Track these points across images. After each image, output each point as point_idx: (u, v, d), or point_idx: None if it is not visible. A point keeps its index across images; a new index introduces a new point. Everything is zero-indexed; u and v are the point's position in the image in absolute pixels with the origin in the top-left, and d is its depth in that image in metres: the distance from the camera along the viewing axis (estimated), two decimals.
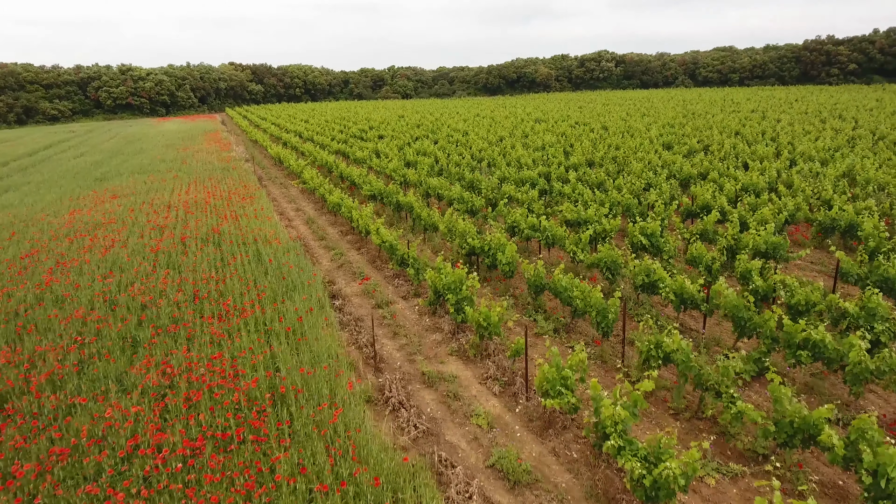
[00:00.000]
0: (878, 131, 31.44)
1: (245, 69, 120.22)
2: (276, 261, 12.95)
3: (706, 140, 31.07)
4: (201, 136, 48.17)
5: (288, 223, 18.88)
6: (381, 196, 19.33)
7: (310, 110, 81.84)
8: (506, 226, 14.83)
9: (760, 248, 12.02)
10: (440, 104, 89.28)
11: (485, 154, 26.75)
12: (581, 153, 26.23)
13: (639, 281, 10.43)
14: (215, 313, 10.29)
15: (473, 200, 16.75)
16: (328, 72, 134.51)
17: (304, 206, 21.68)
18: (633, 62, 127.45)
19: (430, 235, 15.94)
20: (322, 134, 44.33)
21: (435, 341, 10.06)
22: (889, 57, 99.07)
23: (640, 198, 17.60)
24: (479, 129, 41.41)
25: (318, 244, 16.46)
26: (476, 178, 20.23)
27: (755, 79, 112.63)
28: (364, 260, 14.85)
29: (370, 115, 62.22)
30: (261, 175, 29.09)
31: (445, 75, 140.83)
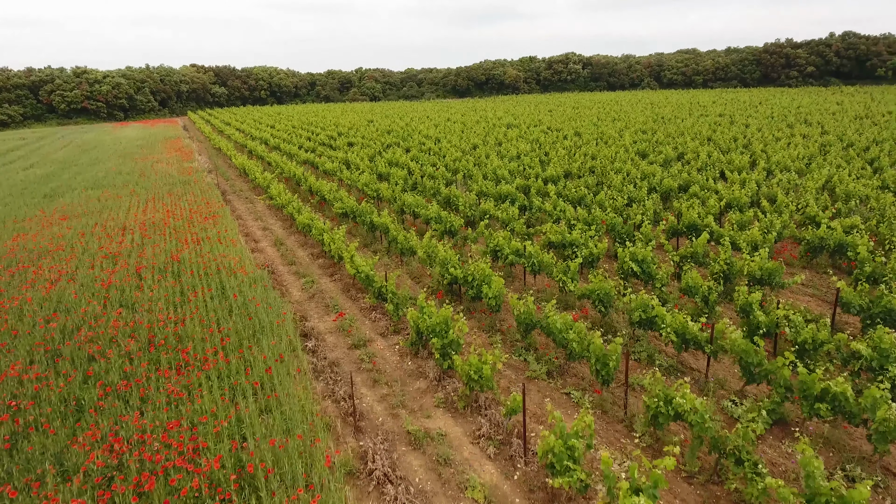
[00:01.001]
0: (846, 137, 31.81)
1: (208, 71, 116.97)
2: (242, 296, 11.90)
3: (680, 147, 30.93)
4: (161, 144, 46.17)
5: (255, 245, 17.73)
6: (354, 215, 18.36)
7: (276, 114, 79.87)
8: (488, 249, 14.06)
9: (755, 274, 11.52)
10: (409, 107, 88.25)
11: (459, 165, 25.98)
12: (557, 163, 25.70)
13: (635, 317, 9.77)
14: (173, 364, 9.22)
15: (451, 220, 15.93)
16: (294, 73, 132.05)
17: (271, 225, 20.53)
18: (600, 64, 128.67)
19: (408, 259, 15.07)
20: (289, 142, 42.94)
21: (419, 390, 9.20)
22: (844, 60, 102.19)
23: (623, 214, 17.07)
24: (451, 135, 40.65)
25: (288, 270, 15.41)
26: (453, 194, 19.43)
27: (718, 81, 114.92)
28: (337, 288, 13.88)
29: (338, 120, 60.87)
30: (225, 188, 27.71)
31: (413, 77, 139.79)
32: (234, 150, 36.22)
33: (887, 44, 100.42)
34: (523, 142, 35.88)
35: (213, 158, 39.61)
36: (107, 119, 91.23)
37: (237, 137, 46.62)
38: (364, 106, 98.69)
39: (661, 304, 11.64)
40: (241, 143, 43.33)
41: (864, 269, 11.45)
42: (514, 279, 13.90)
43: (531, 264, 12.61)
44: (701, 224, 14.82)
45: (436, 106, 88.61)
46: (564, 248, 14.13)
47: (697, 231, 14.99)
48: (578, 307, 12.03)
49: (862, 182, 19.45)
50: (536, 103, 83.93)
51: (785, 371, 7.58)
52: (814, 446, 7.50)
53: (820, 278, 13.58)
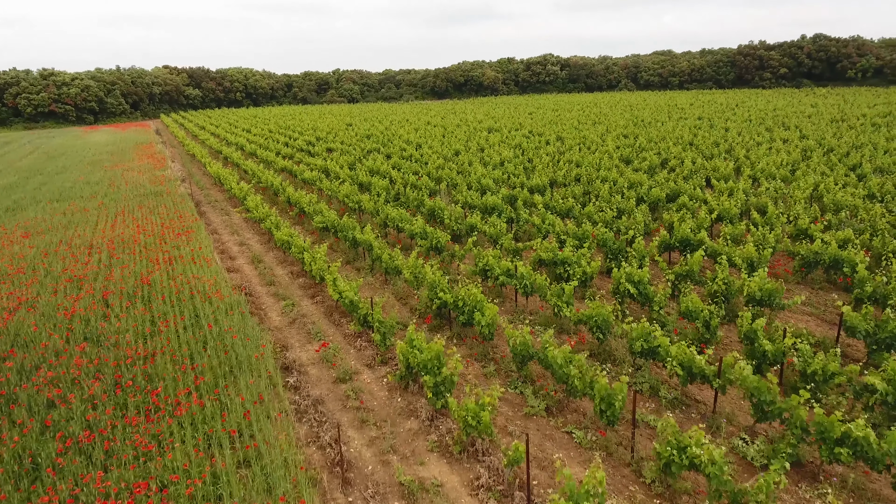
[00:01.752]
0: (825, 142, 32.03)
1: (181, 73, 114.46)
2: (218, 325, 11.14)
3: (664, 153, 30.80)
4: (132, 150, 44.70)
5: (231, 263, 16.90)
6: (335, 229, 17.64)
7: (252, 117, 78.35)
8: (477, 269, 13.50)
9: (755, 295, 11.15)
10: (388, 109, 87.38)
11: (443, 174, 25.40)
12: (542, 171, 25.27)
13: (637, 347, 9.29)
14: (142, 409, 8.47)
15: (438, 236, 15.33)
16: (270, 75, 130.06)
17: (248, 239, 19.68)
18: (578, 66, 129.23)
19: (393, 279, 14.42)
20: (266, 148, 41.88)
21: (411, 431, 8.59)
22: (816, 62, 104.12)
23: (613, 227, 16.66)
24: (432, 140, 40.04)
25: (267, 291, 14.64)
26: (437, 206, 18.82)
27: (694, 82, 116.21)
28: (319, 312, 13.18)
29: (316, 124, 59.81)
30: (199, 199, 26.70)
31: (392, 78, 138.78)
32: (208, 158, 35.11)
33: (856, 46, 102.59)
34: (505, 147, 35.45)
35: (186, 165, 38.40)
36: (76, 123, 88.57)
37: (212, 143, 45.37)
38: (342, 108, 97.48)
39: (660, 327, 11.22)
40: (216, 150, 42.15)
41: (865, 288, 11.16)
42: (504, 299, 13.36)
43: (523, 286, 12.07)
44: (694, 239, 14.46)
45: (415, 108, 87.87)
46: (556, 266, 13.64)
47: (690, 246, 14.64)
48: (574, 331, 11.54)
49: (849, 191, 19.38)
50: (516, 105, 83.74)
51: (801, 412, 7.15)
52: (834, 493, 7.08)
53: (816, 294, 13.31)
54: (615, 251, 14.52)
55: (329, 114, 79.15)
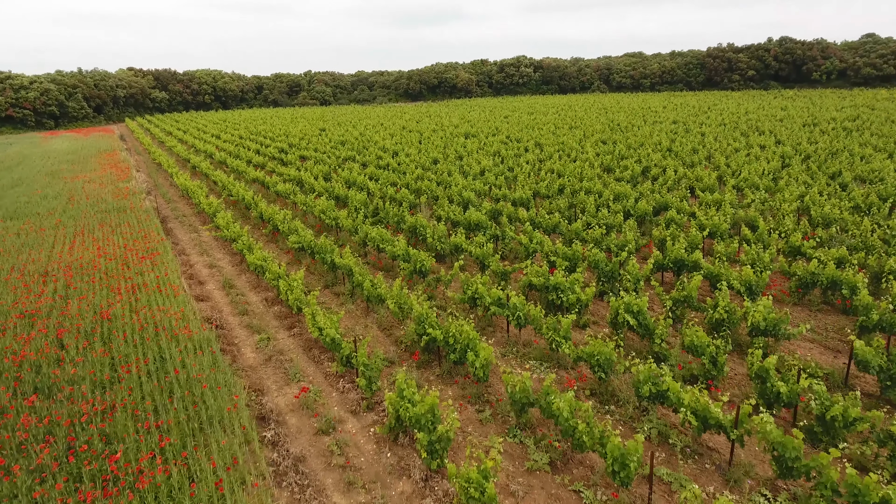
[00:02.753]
0: (801, 148, 32.18)
1: (147, 75, 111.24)
2: (186, 369, 10.16)
3: (644, 160, 30.53)
4: (95, 159, 42.76)
5: (200, 290, 15.82)
6: (312, 250, 16.70)
7: (221, 121, 76.31)
8: (465, 297, 12.74)
9: (759, 325, 10.64)
10: (361, 112, 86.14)
11: (422, 185, 24.59)
12: (525, 182, 24.67)
13: (645, 391, 8.65)
14: (98, 479, 7.48)
15: (421, 259, 14.53)
16: (240, 77, 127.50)
17: (219, 260, 18.58)
18: (551, 67, 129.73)
19: (376, 307, 13.57)
20: (237, 156, 40.48)
21: (403, 495, 7.78)
22: (782, 64, 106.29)
23: (602, 245, 16.08)
24: (408, 147, 39.19)
25: (239, 322, 13.64)
26: (419, 224, 18.02)
27: (665, 84, 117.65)
28: (297, 346, 12.26)
29: (288, 129, 58.38)
30: (166, 214, 25.38)
31: (365, 80, 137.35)
32: (175, 168, 33.63)
33: (821, 48, 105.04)
34: (484, 154, 34.82)
35: (152, 175, 36.80)
36: (35, 128, 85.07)
37: (179, 150, 43.70)
38: (314, 111, 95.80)
39: (662, 361, 10.63)
40: (184, 158, 40.56)
41: (871, 316, 10.74)
42: (495, 329, 12.63)
43: (516, 318, 11.36)
44: (688, 260, 13.95)
45: (389, 111, 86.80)
46: (548, 292, 12.97)
47: (685, 267, 14.13)
48: (573, 365, 10.87)
49: (833, 202, 19.21)
50: (490, 108, 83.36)
51: (832, 473, 6.57)
52: None
53: (814, 317, 12.91)
54: (608, 274, 13.92)
55: (301, 118, 77.58)
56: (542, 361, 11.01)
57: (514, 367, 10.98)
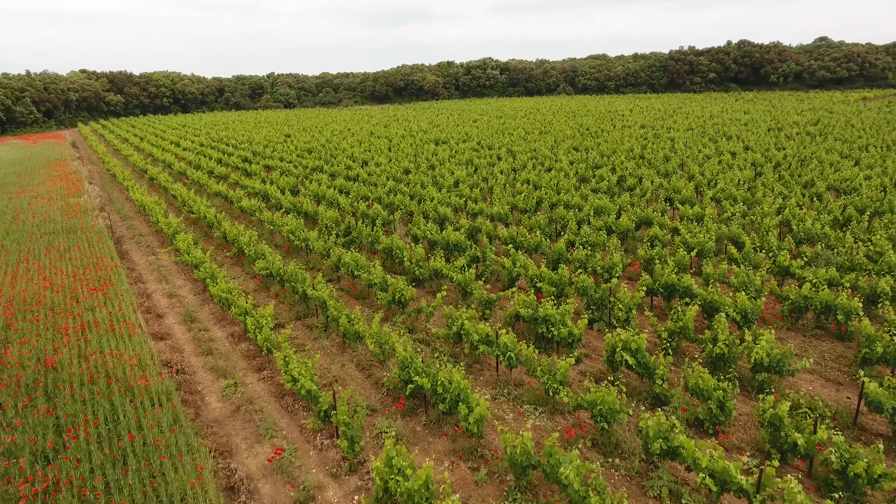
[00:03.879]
0: (770, 154, 32.45)
1: (100, 77, 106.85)
2: (143, 431, 9.02)
3: (618, 168, 30.26)
4: (44, 169, 40.32)
5: (158, 325, 14.54)
6: (282, 278, 15.59)
7: (181, 126, 73.61)
8: (450, 332, 11.88)
9: (763, 362, 10.11)
10: (327, 115, 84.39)
11: (395, 199, 23.63)
12: (501, 195, 23.97)
13: (655, 448, 7.95)
14: None
15: (400, 289, 13.62)
16: (200, 79, 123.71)
17: (179, 288, 17.27)
18: (517, 69, 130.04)
19: (354, 343, 12.60)
20: (197, 166, 38.71)
21: None
22: (741, 67, 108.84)
23: (587, 266, 15.46)
24: (378, 156, 38.13)
25: (203, 364, 12.48)
26: (395, 246, 17.09)
27: (629, 86, 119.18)
28: (269, 393, 11.20)
29: (252, 135, 56.52)
30: (122, 234, 23.77)
31: (329, 82, 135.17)
32: (131, 180, 31.80)
33: (777, 52, 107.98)
34: (456, 163, 34.06)
35: (106, 188, 34.80)
36: None
37: (136, 160, 41.57)
38: (278, 115, 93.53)
39: (662, 401, 10.00)
40: (141, 168, 38.55)
41: (875, 349, 10.33)
42: (483, 367, 11.81)
43: (507, 358, 10.57)
44: (679, 285, 13.41)
45: (355, 114, 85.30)
46: (536, 324, 12.23)
47: (676, 292, 13.59)
48: (570, 410, 10.14)
49: (811, 214, 19.07)
50: (459, 111, 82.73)
51: None
52: None
53: (809, 343, 12.51)
54: (597, 301, 13.27)
55: (265, 122, 75.47)
56: (536, 406, 10.25)
57: (506, 413, 10.19)
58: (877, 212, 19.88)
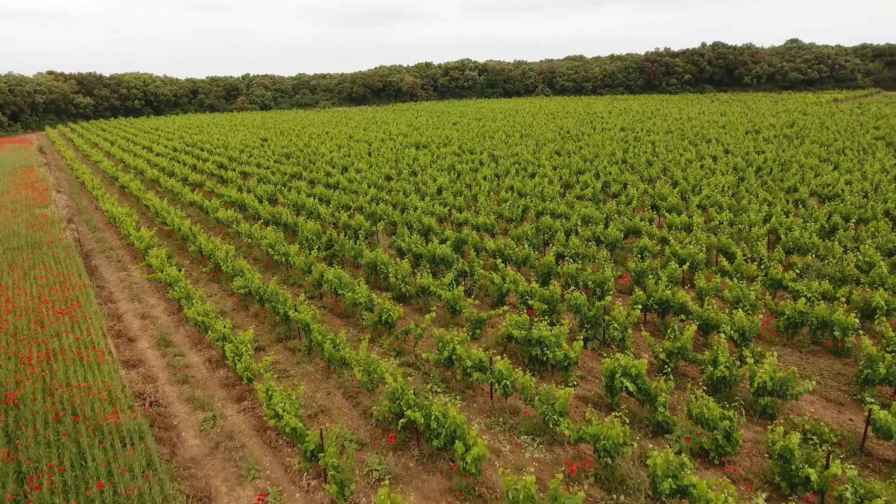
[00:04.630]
0: (750, 158, 32.62)
1: (69, 79, 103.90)
2: (113, 481, 8.32)
3: (602, 174, 30.09)
4: (8, 178, 38.70)
5: (130, 350, 13.74)
6: (261, 297, 14.90)
7: (153, 130, 71.80)
8: (441, 357, 11.36)
9: (766, 386, 9.80)
10: (304, 118, 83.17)
11: (378, 209, 23.02)
12: (486, 204, 23.52)
13: (665, 488, 7.54)
14: None
15: (387, 310, 13.06)
16: (173, 81, 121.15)
17: (153, 308, 16.44)
18: (495, 71, 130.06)
19: (340, 370, 12.00)
20: (171, 173, 37.58)
21: None
22: (716, 68, 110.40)
23: (578, 280, 15.09)
24: (358, 161, 37.44)
25: (178, 394, 11.76)
26: (380, 261, 16.51)
27: (606, 88, 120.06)
28: (250, 426, 10.55)
29: (227, 139, 55.27)
30: (91, 248, 22.74)
31: (306, 83, 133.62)
32: (102, 189, 30.61)
33: (751, 53, 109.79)
34: (437, 169, 33.57)
35: (75, 198, 33.50)
36: None
37: (106, 166, 40.17)
38: (254, 117, 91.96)
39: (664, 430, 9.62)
40: (112, 176, 37.23)
41: (878, 370, 10.10)
42: (476, 392, 11.32)
43: (502, 386, 10.09)
44: (674, 301, 13.09)
45: (333, 117, 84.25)
46: (530, 345, 11.79)
47: (671, 308, 13.27)
48: (569, 441, 9.70)
49: (797, 222, 19.01)
50: (438, 113, 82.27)
51: None
52: None
53: (805, 359, 12.28)
54: (591, 320, 12.89)
55: (241, 125, 74.02)
56: (534, 436, 9.79)
57: (502, 444, 9.71)
58: (861, 219, 19.92)
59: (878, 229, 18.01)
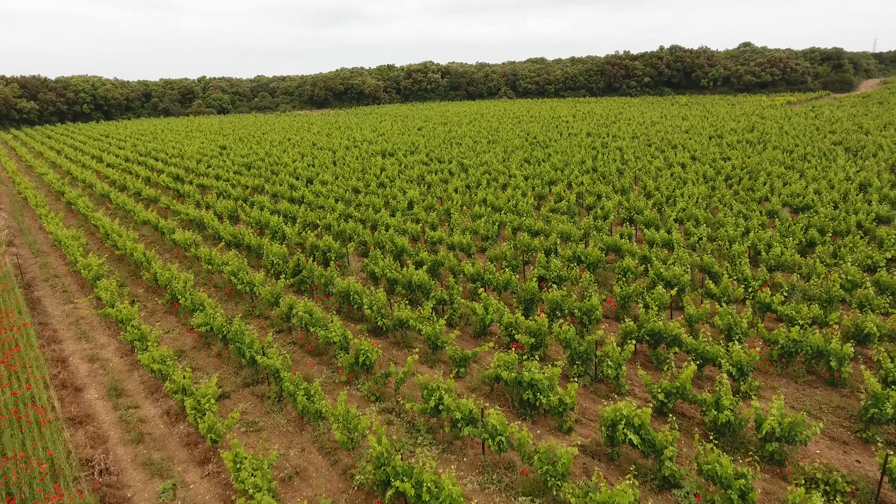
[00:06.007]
0: (718, 165, 32.79)
1: (11, 82, 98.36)
2: None
3: (574, 185, 29.70)
4: None
5: (77, 402, 12.34)
6: (225, 337, 13.69)
7: (103, 137, 68.42)
8: (426, 407, 10.45)
9: (775, 433, 9.25)
10: (265, 123, 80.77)
11: (348, 228, 21.91)
12: (460, 220, 22.70)
13: None
14: None
15: (365, 350, 12.07)
16: (124, 84, 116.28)
17: (103, 348, 14.99)
18: (458, 73, 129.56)
19: (315, 422, 10.96)
20: (123, 187, 35.50)
21: None
22: (674, 71, 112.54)
23: (564, 309, 14.40)
24: (322, 171, 36.14)
25: (133, 457, 10.51)
26: (353, 291, 15.47)
27: (568, 90, 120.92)
28: (216, 496, 9.42)
29: (183, 146, 52.98)
30: (33, 275, 20.90)
31: (265, 86, 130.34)
32: (46, 207, 28.47)
33: (707, 57, 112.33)
34: (406, 180, 32.60)
35: (16, 215, 31.16)
36: None
37: (51, 179, 37.65)
38: (212, 122, 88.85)
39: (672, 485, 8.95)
40: (58, 190, 34.85)
41: (885, 409, 9.69)
42: (465, 445, 10.45)
43: (497, 443, 9.26)
44: (666, 332, 12.52)
45: (294, 121, 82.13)
46: (521, 388, 11.01)
47: (663, 339, 12.70)
48: None
49: (777, 237, 18.84)
50: (402, 117, 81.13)
51: None
52: None
53: (802, 391, 11.87)
54: (582, 355, 12.19)
55: (197, 131, 71.30)
56: (533, 497, 8.98)
57: None
58: (836, 231, 19.91)
59: (855, 244, 17.95)
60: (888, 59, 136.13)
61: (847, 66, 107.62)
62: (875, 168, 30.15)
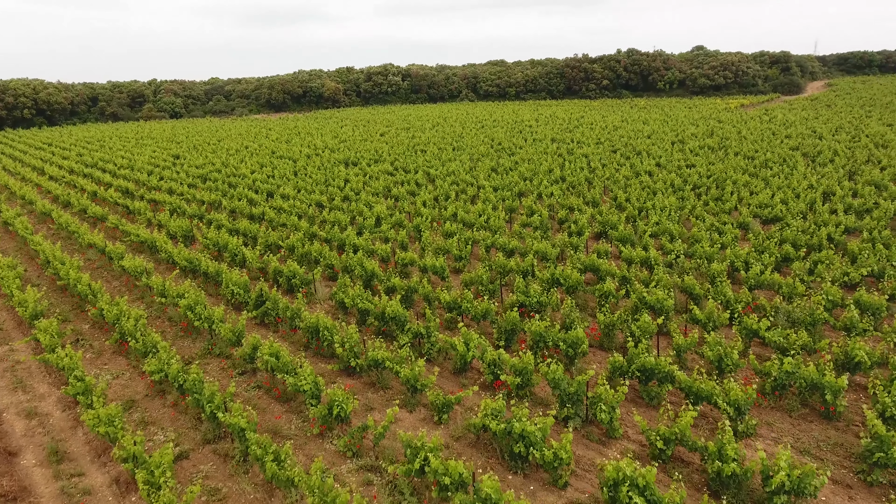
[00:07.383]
0: (684, 174, 32.92)
1: None
2: None
3: (545, 196, 29.23)
4: None
5: (10, 471, 10.88)
6: (181, 386, 12.42)
7: (45, 145, 64.74)
8: (411, 468, 9.53)
9: (784, 486, 8.71)
10: (220, 128, 77.97)
11: (312, 249, 20.73)
12: (431, 240, 21.80)
13: None
14: None
15: (339, 401, 11.06)
16: (69, 87, 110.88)
17: (42, 400, 13.47)
18: (419, 76, 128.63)
19: (287, 489, 9.88)
20: (66, 203, 33.22)
21: None
22: (631, 74, 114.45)
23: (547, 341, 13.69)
24: (283, 183, 34.69)
25: None
26: (322, 326, 14.40)
27: (529, 93, 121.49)
28: None
29: (133, 156, 50.40)
30: None
31: (220, 89, 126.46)
32: None
33: (662, 60, 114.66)
34: (372, 193, 31.52)
35: None
36: None
37: None
38: (164, 127, 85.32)
39: None
40: None
41: (891, 453, 9.28)
42: None
43: None
44: (659, 369, 11.93)
45: (251, 126, 79.58)
46: (511, 440, 10.21)
47: (654, 376, 12.11)
48: None
49: (753, 254, 18.67)
50: (364, 122, 79.70)
51: None
52: None
53: (797, 426, 11.46)
54: (571, 396, 11.49)
55: (148, 137, 68.20)
56: None
57: None
58: (808, 245, 19.89)
59: (831, 260, 17.90)
60: (831, 62, 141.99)
61: (794, 68, 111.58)
62: (834, 175, 30.75)
